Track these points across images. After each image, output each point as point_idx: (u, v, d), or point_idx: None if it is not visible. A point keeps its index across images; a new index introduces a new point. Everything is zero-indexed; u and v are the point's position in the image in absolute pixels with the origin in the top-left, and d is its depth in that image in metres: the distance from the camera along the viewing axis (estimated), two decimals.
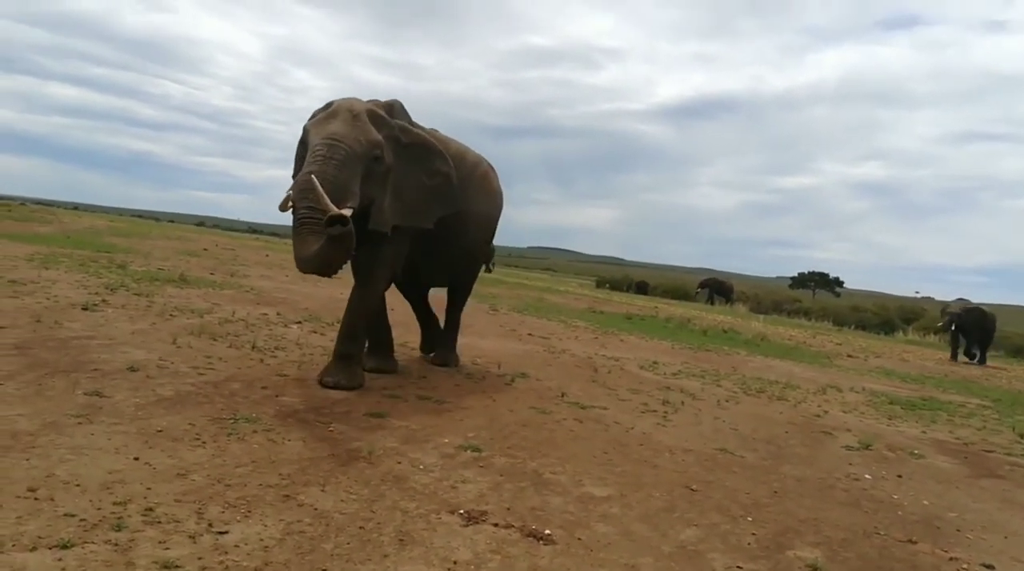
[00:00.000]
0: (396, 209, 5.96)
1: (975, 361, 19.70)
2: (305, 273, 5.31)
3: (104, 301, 8.10)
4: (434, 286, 7.92)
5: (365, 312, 6.06)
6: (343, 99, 5.83)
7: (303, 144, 5.73)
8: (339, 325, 6.34)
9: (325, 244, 4.91)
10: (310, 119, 5.91)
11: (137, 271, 11.65)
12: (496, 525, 3.44)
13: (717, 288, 40.42)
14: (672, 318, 19.84)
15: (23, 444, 3.56)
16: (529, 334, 11.63)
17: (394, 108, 6.19)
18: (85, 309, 7.47)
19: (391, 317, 7.01)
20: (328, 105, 5.82)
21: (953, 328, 19.92)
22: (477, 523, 3.43)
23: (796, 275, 68.47)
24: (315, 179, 4.93)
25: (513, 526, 3.45)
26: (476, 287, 8.74)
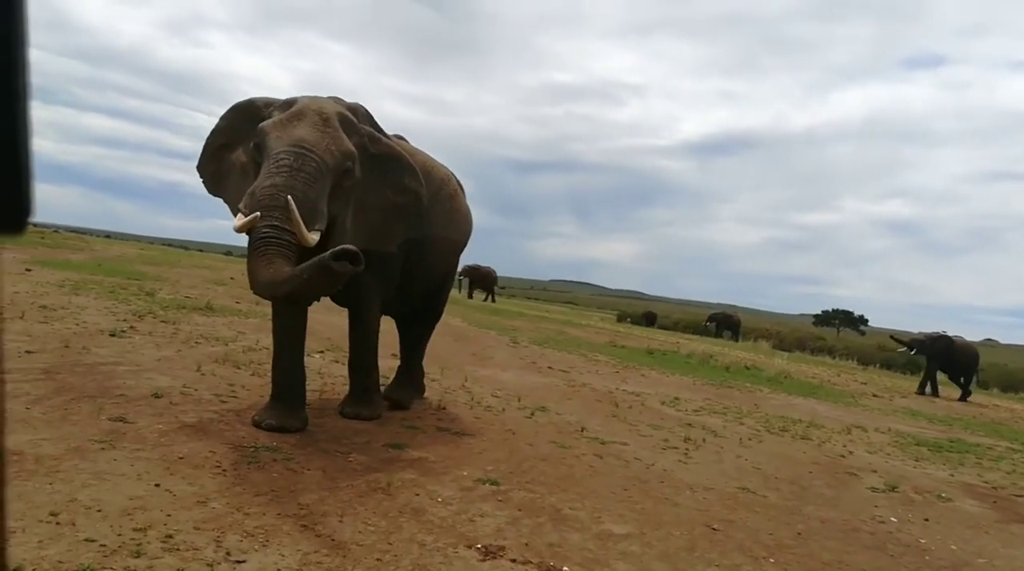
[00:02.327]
0: (359, 230, 5.16)
1: (948, 396, 18.26)
2: (268, 297, 4.64)
3: (132, 328, 8.22)
4: (392, 316, 7.01)
5: (370, 344, 5.87)
6: (309, 98, 5.04)
7: (256, 147, 4.80)
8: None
9: (316, 273, 4.13)
10: (232, 104, 5.38)
11: (165, 299, 11.81)
12: (514, 561, 3.41)
13: (725, 322, 41.12)
14: (694, 354, 19.67)
15: (47, 468, 3.60)
16: (549, 367, 11.59)
17: (358, 113, 5.40)
18: (113, 335, 7.58)
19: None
20: (290, 103, 4.99)
21: (913, 352, 19.18)
22: (495, 558, 3.41)
23: (820, 312, 67.73)
24: (290, 199, 4.30)
25: (531, 562, 3.42)
26: (497, 320, 8.73)
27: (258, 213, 4.40)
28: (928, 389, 18.47)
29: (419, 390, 7.16)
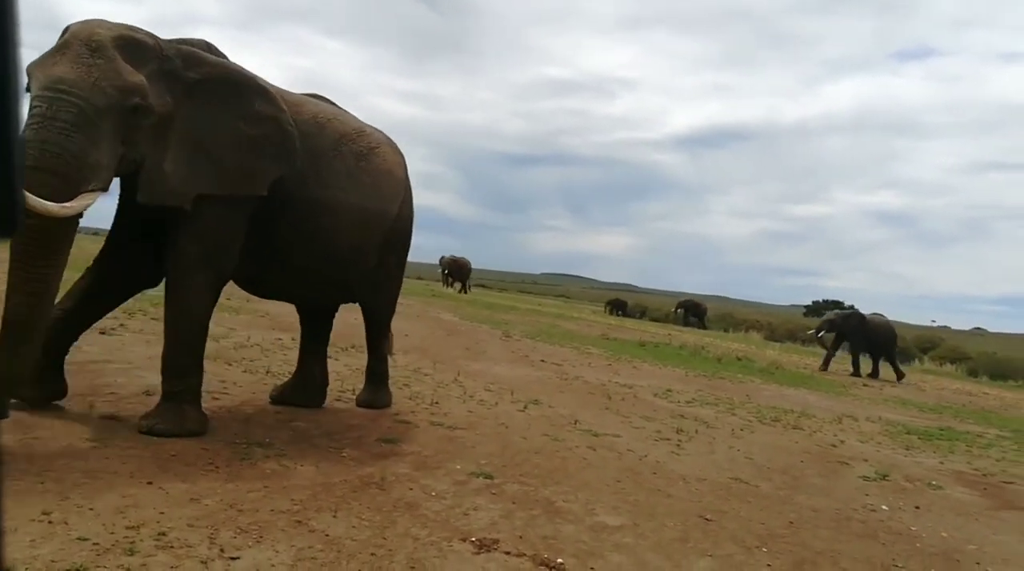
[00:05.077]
0: (203, 172, 4.37)
1: (868, 375, 18.28)
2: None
3: (122, 325, 8.17)
4: (296, 301, 6.14)
5: (184, 336, 4.61)
6: (81, 24, 4.01)
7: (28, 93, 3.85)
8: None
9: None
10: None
11: (154, 296, 11.70)
12: (508, 554, 3.42)
13: (693, 309, 42.67)
14: (685, 345, 19.75)
15: (38, 467, 3.58)
16: (542, 360, 11.60)
17: (193, 46, 4.53)
18: (103, 333, 7.53)
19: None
20: (64, 32, 4.01)
21: (821, 335, 19.05)
22: (489, 551, 3.41)
23: (811, 303, 68.00)
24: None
25: (525, 555, 3.43)
26: (490, 314, 8.68)
27: None
28: (858, 369, 18.38)
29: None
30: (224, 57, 4.74)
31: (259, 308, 12.02)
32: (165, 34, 4.50)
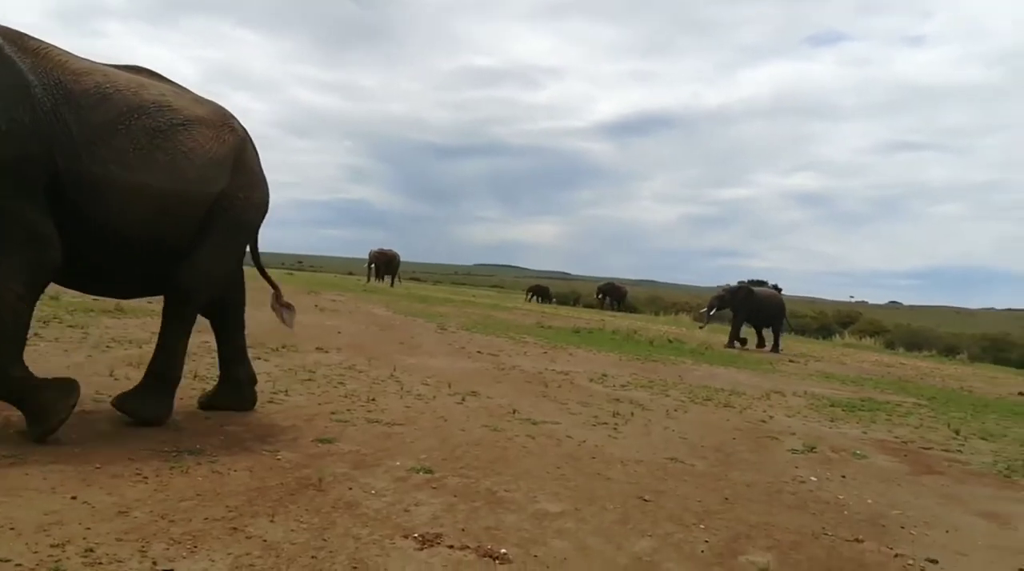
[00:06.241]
0: None
1: (757, 347, 18.98)
2: None
3: (36, 335, 7.79)
4: (108, 295, 5.59)
5: None
6: None
7: None
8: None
9: None
10: None
11: (71, 302, 11.24)
12: (451, 547, 3.41)
13: (613, 293, 44.91)
14: (619, 330, 20.06)
15: None
16: (478, 352, 11.60)
17: None
18: None
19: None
20: None
21: (713, 312, 19.69)
22: (432, 546, 3.40)
23: (736, 283, 70.03)
24: None
25: (468, 547, 3.43)
26: (424, 307, 8.58)
27: None
28: (737, 343, 18.87)
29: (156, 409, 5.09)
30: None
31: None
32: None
